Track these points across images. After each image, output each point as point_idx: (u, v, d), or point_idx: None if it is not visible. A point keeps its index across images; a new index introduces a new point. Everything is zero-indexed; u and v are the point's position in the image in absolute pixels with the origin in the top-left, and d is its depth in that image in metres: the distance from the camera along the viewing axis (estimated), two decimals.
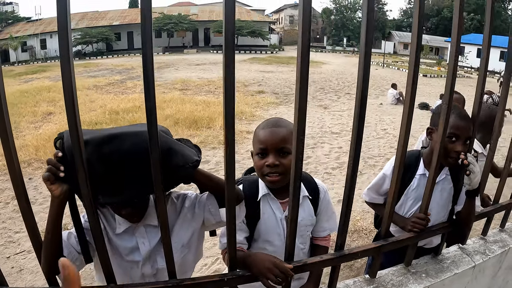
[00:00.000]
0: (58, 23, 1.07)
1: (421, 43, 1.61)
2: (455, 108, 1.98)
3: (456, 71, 1.79)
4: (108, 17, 52.93)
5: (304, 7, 1.24)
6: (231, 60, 1.21)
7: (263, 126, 1.86)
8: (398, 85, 16.39)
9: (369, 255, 1.94)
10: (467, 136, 2.07)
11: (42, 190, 6.72)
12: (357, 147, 1.58)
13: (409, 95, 1.67)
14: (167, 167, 1.44)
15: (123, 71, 27.56)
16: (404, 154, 1.77)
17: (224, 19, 1.16)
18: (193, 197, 1.80)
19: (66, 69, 1.10)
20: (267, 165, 1.79)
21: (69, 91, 1.12)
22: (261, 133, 1.83)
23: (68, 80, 1.11)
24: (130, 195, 1.50)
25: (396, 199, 1.89)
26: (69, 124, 1.19)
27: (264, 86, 20.04)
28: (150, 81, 1.16)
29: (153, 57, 1.19)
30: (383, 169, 2.49)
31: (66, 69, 1.10)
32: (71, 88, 1.12)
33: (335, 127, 11.82)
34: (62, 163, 1.34)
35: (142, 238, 1.70)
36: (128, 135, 1.44)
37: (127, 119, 11.78)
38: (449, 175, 2.30)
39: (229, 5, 1.16)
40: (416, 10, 1.55)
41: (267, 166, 1.79)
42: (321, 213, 2.08)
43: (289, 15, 71.20)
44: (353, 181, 1.64)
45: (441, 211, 2.30)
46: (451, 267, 2.19)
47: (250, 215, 1.90)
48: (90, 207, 1.35)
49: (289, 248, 1.65)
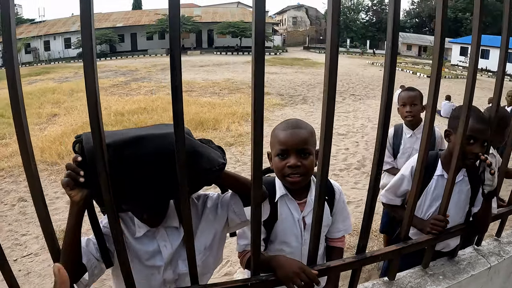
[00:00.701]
0: (81, 23, 1.07)
1: (444, 45, 1.61)
2: (473, 111, 1.99)
3: (476, 76, 1.80)
4: (111, 19, 53.03)
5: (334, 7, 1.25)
6: (261, 59, 1.21)
7: (284, 128, 1.85)
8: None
9: (390, 258, 1.94)
10: (485, 138, 2.10)
11: (48, 192, 6.73)
12: (381, 151, 1.58)
13: (431, 100, 1.67)
14: (193, 171, 1.41)
15: (127, 72, 27.63)
16: (426, 157, 1.78)
17: (254, 20, 1.17)
18: (215, 197, 1.78)
19: (90, 71, 1.10)
20: (288, 166, 1.80)
21: (92, 93, 1.11)
22: (281, 135, 1.83)
23: (91, 82, 1.11)
24: (154, 199, 1.49)
25: (416, 201, 1.90)
26: (91, 127, 1.16)
27: (269, 88, 19.98)
28: (178, 83, 1.16)
29: (181, 60, 1.17)
30: (401, 170, 2.50)
31: (90, 71, 1.10)
32: (94, 90, 1.11)
33: (341, 128, 11.82)
34: (82, 168, 1.29)
35: (164, 241, 1.66)
36: (153, 137, 1.39)
37: (133, 121, 11.81)
38: (467, 176, 2.32)
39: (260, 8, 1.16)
40: (439, 15, 1.55)
41: (288, 167, 1.80)
42: (337, 213, 2.09)
43: (292, 17, 71.19)
44: (377, 184, 1.65)
45: (459, 213, 2.32)
46: (467, 269, 2.19)
47: (268, 216, 1.88)
48: (112, 213, 1.30)
49: (312, 252, 1.65)
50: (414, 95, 3.69)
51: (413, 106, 3.67)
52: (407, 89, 3.85)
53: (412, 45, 62.71)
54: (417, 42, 63.63)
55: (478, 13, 1.70)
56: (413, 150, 3.71)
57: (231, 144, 9.61)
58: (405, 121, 3.80)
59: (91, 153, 1.26)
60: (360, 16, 70.44)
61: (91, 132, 1.19)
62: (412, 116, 3.69)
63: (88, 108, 1.14)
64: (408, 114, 3.69)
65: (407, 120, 3.75)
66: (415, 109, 3.68)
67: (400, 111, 3.79)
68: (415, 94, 3.71)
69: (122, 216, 1.65)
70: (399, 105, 3.79)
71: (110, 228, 1.35)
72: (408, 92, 3.74)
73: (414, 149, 3.71)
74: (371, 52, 58.12)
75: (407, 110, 3.68)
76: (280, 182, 1.95)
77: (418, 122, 3.76)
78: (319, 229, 1.59)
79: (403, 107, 3.73)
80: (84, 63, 1.09)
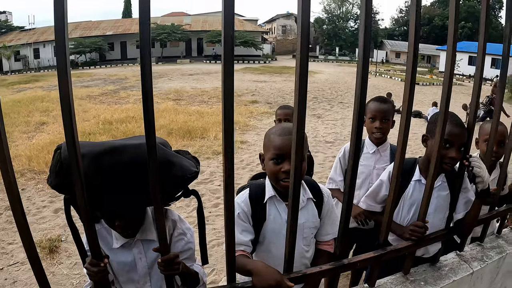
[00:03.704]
0: (55, 32, 1.06)
1: (417, 53, 1.61)
2: (450, 116, 2.00)
3: (452, 81, 1.81)
4: (101, 27, 52.88)
5: (303, 15, 1.25)
6: (230, 68, 1.20)
7: (280, 133, 1.89)
8: (393, 93, 16.27)
9: (368, 265, 1.93)
10: (461, 142, 2.11)
11: (35, 201, 6.65)
12: (355, 157, 1.57)
13: (406, 105, 1.67)
14: (165, 179, 1.46)
15: (116, 81, 27.55)
16: (402, 163, 1.78)
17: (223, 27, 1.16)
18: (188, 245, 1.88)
19: (64, 80, 1.09)
20: (283, 171, 1.84)
21: (67, 104, 1.10)
22: (277, 140, 1.88)
23: (65, 92, 1.10)
24: (127, 206, 1.53)
25: (394, 208, 1.90)
26: (66, 138, 1.18)
27: (257, 96, 20.09)
28: (149, 93, 1.16)
29: (152, 70, 1.18)
30: (380, 176, 2.50)
31: (64, 80, 1.09)
32: (68, 100, 1.10)
33: (329, 136, 11.84)
34: (61, 174, 1.37)
35: (139, 254, 1.73)
36: (128, 147, 1.46)
37: (121, 130, 11.74)
38: (446, 182, 2.32)
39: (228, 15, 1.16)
40: (413, 20, 1.55)
41: (283, 172, 1.84)
42: (325, 216, 2.11)
43: (282, 25, 71.50)
44: (352, 190, 1.64)
45: (439, 218, 2.31)
46: (449, 274, 2.19)
47: (257, 217, 1.96)
48: (87, 220, 1.33)
49: (288, 259, 1.65)
50: (386, 108, 3.09)
51: (384, 121, 3.08)
52: (377, 100, 3.17)
53: (401, 53, 63.21)
54: (406, 49, 63.01)
55: (453, 20, 1.70)
56: (374, 169, 3.17)
57: (219, 153, 9.53)
58: (372, 137, 3.17)
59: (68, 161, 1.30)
60: (349, 24, 70.87)
61: (66, 142, 1.22)
62: (382, 134, 3.10)
63: (63, 119, 1.14)
64: (378, 130, 3.07)
65: (374, 136, 3.13)
66: (385, 125, 3.09)
67: (367, 125, 3.14)
68: (387, 107, 3.11)
69: (98, 230, 1.68)
70: (367, 118, 3.12)
71: (86, 233, 1.37)
72: (380, 105, 3.10)
73: (375, 168, 3.16)
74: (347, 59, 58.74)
75: (377, 126, 3.06)
76: (270, 183, 2.00)
77: (385, 139, 3.19)
78: (294, 237, 1.60)
79: (372, 121, 3.09)
80: (58, 73, 1.09)
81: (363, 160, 3.18)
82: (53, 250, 4.95)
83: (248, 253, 1.91)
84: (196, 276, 1.83)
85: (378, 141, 3.14)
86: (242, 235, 1.89)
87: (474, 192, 2.23)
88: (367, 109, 3.11)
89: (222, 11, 1.15)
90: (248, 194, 2.00)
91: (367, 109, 3.11)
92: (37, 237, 5.22)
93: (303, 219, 1.92)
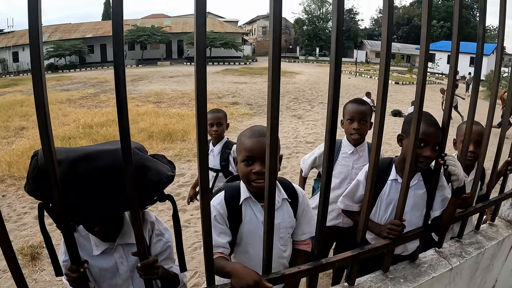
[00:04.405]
0: (30, 38, 1.04)
1: (390, 49, 1.63)
2: (424, 115, 2.03)
3: (425, 81, 1.83)
4: (81, 30, 52.22)
5: (275, 16, 1.25)
6: (202, 70, 1.20)
7: (250, 135, 1.94)
8: (372, 93, 16.52)
9: (347, 264, 1.95)
10: (436, 141, 2.14)
11: (16, 208, 6.56)
12: (329, 156, 1.59)
13: (380, 102, 1.69)
14: (142, 183, 1.48)
15: (96, 84, 27.27)
16: (377, 162, 1.80)
17: (195, 30, 1.16)
18: (166, 249, 1.92)
19: (39, 85, 1.08)
20: (254, 172, 1.88)
21: (42, 109, 1.09)
22: (247, 142, 1.92)
23: (40, 99, 1.08)
24: (105, 212, 1.54)
25: (370, 207, 1.92)
26: (42, 144, 1.17)
27: (238, 98, 20.11)
28: (123, 99, 1.15)
29: (125, 74, 1.18)
30: (357, 176, 2.53)
31: (39, 85, 1.08)
32: (43, 107, 1.09)
33: (309, 136, 11.91)
34: (38, 181, 1.38)
35: (121, 258, 1.74)
36: (104, 153, 1.47)
37: (101, 133, 11.62)
38: (422, 180, 2.35)
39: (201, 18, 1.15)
40: (385, 19, 1.57)
41: (254, 173, 1.88)
42: (301, 216, 2.12)
43: (262, 26, 71.48)
44: (327, 190, 1.65)
45: (416, 216, 2.34)
46: (428, 271, 2.22)
47: (233, 218, 1.98)
48: (64, 226, 1.33)
49: (266, 260, 1.65)
50: (364, 110, 3.13)
51: (362, 123, 3.11)
52: (355, 102, 3.22)
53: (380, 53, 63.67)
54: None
55: (426, 19, 1.72)
56: (353, 169, 3.18)
57: None
58: (350, 138, 3.20)
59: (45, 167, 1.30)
60: (329, 25, 70.96)
61: (42, 148, 1.21)
62: (360, 135, 3.13)
63: (38, 126, 1.14)
64: (356, 132, 3.11)
65: (352, 137, 3.16)
66: (363, 127, 3.13)
67: (345, 126, 3.20)
68: (365, 109, 3.15)
69: (77, 239, 1.67)
70: (345, 119, 3.21)
71: (64, 240, 1.40)
72: (358, 106, 3.14)
73: (354, 168, 3.18)
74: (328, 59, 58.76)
75: (355, 127, 3.10)
76: (245, 186, 2.01)
77: (363, 140, 3.23)
78: (271, 238, 1.60)
79: (350, 122, 3.13)
80: (33, 79, 1.09)
81: (341, 160, 3.24)
82: (35, 257, 4.87)
83: (226, 255, 1.92)
84: (176, 277, 1.85)
85: (356, 142, 3.19)
86: (220, 237, 1.90)
87: (450, 190, 2.26)
88: (345, 111, 3.21)
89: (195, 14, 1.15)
90: (223, 196, 2.01)
91: (345, 110, 3.21)
92: (19, 244, 5.14)
93: (279, 219, 1.94)
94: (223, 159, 4.00)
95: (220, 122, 3.93)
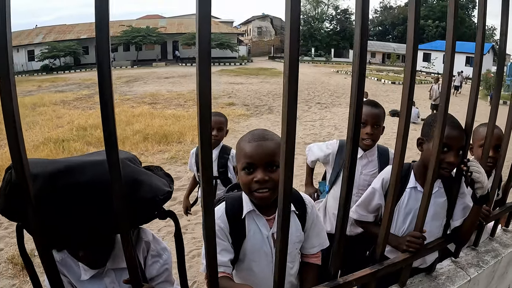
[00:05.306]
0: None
1: (417, 53, 1.47)
2: (447, 118, 1.87)
3: (452, 78, 1.67)
4: (76, 31, 52.14)
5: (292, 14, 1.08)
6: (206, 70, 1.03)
7: (249, 140, 1.73)
8: (369, 93, 16.46)
9: (365, 282, 1.78)
10: (460, 146, 1.97)
11: None
12: (351, 168, 1.41)
13: (405, 109, 1.52)
14: (133, 201, 1.29)
15: (91, 85, 27.11)
16: (400, 170, 1.63)
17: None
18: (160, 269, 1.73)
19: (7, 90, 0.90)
20: (255, 181, 1.67)
21: (11, 116, 0.91)
22: (247, 147, 1.71)
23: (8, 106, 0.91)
24: (89, 235, 1.33)
25: (391, 218, 1.75)
26: (11, 156, 0.99)
27: (234, 98, 20.02)
28: (108, 100, 0.96)
29: (111, 74, 0.99)
30: (372, 183, 2.36)
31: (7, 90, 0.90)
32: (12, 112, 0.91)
33: (307, 137, 11.80)
34: (10, 198, 1.20)
35: (112, 283, 1.56)
36: (88, 165, 1.28)
37: (96, 136, 11.41)
38: (442, 188, 2.19)
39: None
40: (411, 19, 1.41)
41: (255, 182, 1.68)
42: (310, 228, 1.95)
43: (257, 27, 71.62)
44: (347, 203, 1.48)
45: (436, 226, 2.19)
46: (446, 283, 2.09)
47: (236, 233, 1.79)
48: (44, 251, 1.15)
49: (278, 283, 1.47)
50: (378, 113, 2.89)
51: (375, 127, 2.87)
52: (369, 104, 2.93)
53: (376, 53, 64.29)
54: (381, 49, 65.40)
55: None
56: (361, 174, 2.97)
57: None
58: (361, 143, 2.91)
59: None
60: (324, 25, 71.38)
61: (12, 161, 1.01)
62: (373, 140, 2.90)
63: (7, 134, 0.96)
64: (369, 136, 2.87)
65: (364, 143, 2.91)
66: (377, 131, 2.89)
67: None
68: (379, 112, 2.90)
69: (63, 260, 1.53)
70: None
71: (44, 267, 1.17)
72: (372, 109, 2.88)
73: (362, 173, 2.97)
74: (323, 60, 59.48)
75: (368, 131, 2.85)
76: (247, 197, 1.82)
77: (374, 145, 3.00)
78: (284, 257, 1.42)
79: (363, 126, 2.84)
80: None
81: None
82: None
83: (229, 274, 1.75)
84: None
85: (366, 147, 2.96)
86: (221, 254, 1.70)
87: (471, 197, 2.10)
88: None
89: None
90: (224, 208, 1.82)
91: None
92: (10, 252, 5.01)
93: None
94: (221, 165, 3.81)
95: (221, 127, 3.73)
